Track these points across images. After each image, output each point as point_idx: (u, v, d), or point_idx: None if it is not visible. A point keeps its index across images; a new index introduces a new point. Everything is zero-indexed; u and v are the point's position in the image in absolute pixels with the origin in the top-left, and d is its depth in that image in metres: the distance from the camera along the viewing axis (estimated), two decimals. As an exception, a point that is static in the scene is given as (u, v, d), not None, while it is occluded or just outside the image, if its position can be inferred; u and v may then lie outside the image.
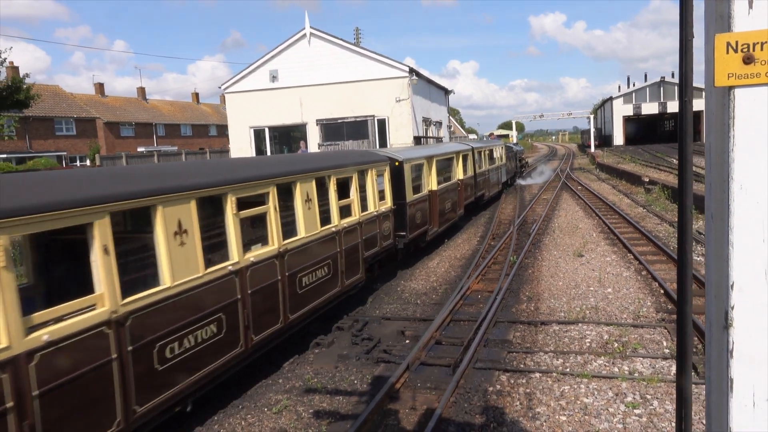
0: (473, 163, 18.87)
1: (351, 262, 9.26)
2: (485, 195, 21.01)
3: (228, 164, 7.24)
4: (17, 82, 26.05)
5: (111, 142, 54.62)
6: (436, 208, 14.15)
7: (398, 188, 11.78)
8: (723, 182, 1.29)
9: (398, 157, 11.93)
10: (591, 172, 38.61)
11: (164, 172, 6.10)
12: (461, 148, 17.97)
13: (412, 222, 12.34)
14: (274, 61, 27.12)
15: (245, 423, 6.15)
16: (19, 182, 4.67)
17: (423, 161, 13.55)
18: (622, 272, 11.29)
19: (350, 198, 9.51)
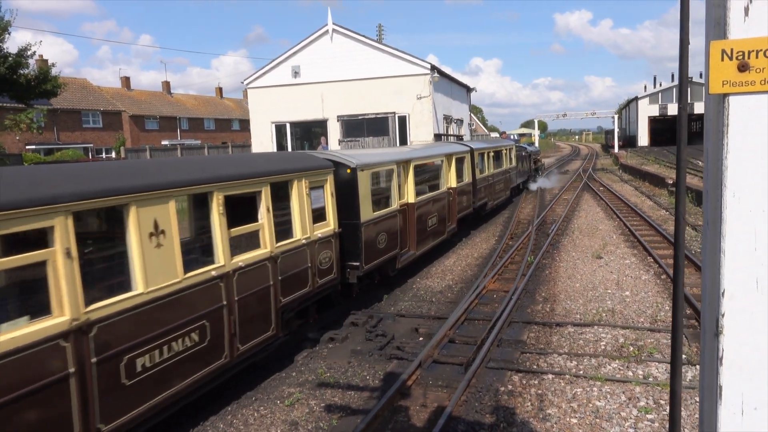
0: (471, 168, 16.02)
1: (252, 316, 6.56)
2: (488, 204, 18.11)
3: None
4: (44, 72, 26.59)
5: (136, 135, 55.44)
6: (413, 225, 11.35)
7: (349, 203, 9.04)
8: (717, 189, 1.29)
9: (350, 163, 9.14)
10: (614, 173, 38.12)
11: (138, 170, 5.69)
12: (455, 149, 14.87)
13: (372, 247, 9.51)
14: (297, 57, 27.27)
15: (258, 414, 6.23)
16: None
17: (391, 167, 10.53)
18: (641, 275, 11.16)
19: (258, 222, 6.83)
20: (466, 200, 15.45)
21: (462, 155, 15.29)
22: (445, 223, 13.38)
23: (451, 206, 14.04)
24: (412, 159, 11.67)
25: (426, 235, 12.14)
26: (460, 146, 15.88)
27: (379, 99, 26.14)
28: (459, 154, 14.99)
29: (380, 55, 26.31)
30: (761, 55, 1.23)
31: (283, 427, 5.95)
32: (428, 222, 12.25)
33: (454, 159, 14.32)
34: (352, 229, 9.10)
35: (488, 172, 18.23)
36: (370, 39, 27.26)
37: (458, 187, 14.55)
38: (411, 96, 25.79)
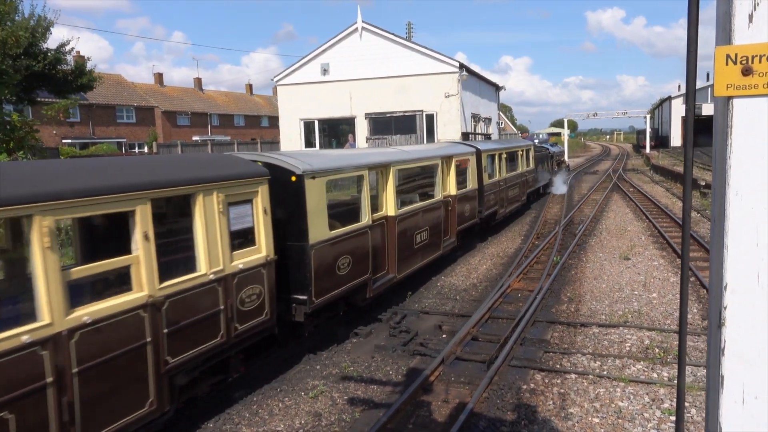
0: (477, 172, 13.97)
1: (110, 391, 4.74)
2: (498, 213, 15.89)
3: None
4: (81, 67, 27.42)
5: (168, 131, 56.50)
6: (393, 243, 9.42)
7: (294, 221, 7.15)
8: (722, 188, 1.34)
9: (294, 168, 7.17)
10: (644, 174, 37.50)
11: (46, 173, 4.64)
12: (455, 150, 12.84)
13: (327, 275, 7.54)
14: (326, 55, 27.48)
15: (282, 405, 6.38)
16: None
17: (360, 173, 8.53)
18: (669, 277, 11.02)
19: (132, 254, 5.00)
20: (469, 209, 13.36)
21: (465, 157, 13.26)
22: (440, 238, 11.30)
23: (449, 217, 12.04)
24: (393, 162, 9.49)
25: (412, 253, 10.10)
26: (463, 147, 13.77)
27: (407, 97, 26.20)
28: (461, 156, 12.95)
29: (409, 53, 26.36)
30: (764, 60, 1.28)
31: (307, 418, 6.08)
32: (416, 238, 10.20)
33: (454, 162, 12.30)
34: (297, 253, 7.15)
35: (499, 177, 16.00)
36: (399, 37, 27.33)
37: (459, 194, 12.55)
38: (439, 94, 25.78)
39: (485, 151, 14.69)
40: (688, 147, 1.46)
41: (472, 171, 13.65)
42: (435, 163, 11.42)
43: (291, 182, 7.14)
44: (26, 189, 4.21)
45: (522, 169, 19.06)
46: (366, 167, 8.72)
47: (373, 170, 9.16)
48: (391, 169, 9.43)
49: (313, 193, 7.24)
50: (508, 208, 17.19)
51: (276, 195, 6.85)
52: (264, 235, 6.50)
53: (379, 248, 9.10)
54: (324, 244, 7.43)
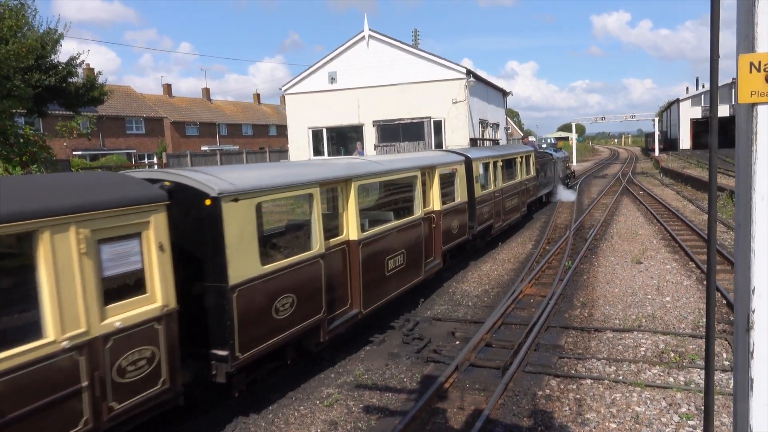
0: (468, 182, 12.58)
1: None
2: (494, 226, 14.46)
3: None
4: (91, 81, 27.75)
5: (177, 141, 56.91)
6: (356, 271, 7.95)
7: (208, 256, 5.70)
8: (748, 193, 1.36)
9: (209, 188, 5.65)
10: (654, 177, 37.34)
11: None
12: (440, 160, 11.33)
13: (261, 321, 6.08)
14: (333, 63, 27.64)
15: (298, 414, 6.39)
16: None
17: (306, 191, 7.02)
18: (683, 281, 10.96)
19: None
20: (458, 225, 11.88)
21: (451, 167, 11.83)
22: (421, 260, 9.89)
23: (433, 236, 10.75)
24: (354, 177, 7.99)
25: (383, 282, 8.66)
26: (450, 156, 12.30)
27: (414, 104, 26.28)
28: (446, 166, 11.51)
29: (416, 60, 26.46)
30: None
31: (323, 426, 6.09)
32: (388, 263, 8.76)
33: (437, 173, 10.82)
34: (214, 297, 5.67)
35: (494, 187, 14.52)
36: (405, 44, 27.46)
37: (446, 209, 11.18)
38: (446, 100, 25.84)
39: (477, 160, 13.35)
40: (713, 156, 1.48)
41: (461, 182, 12.22)
42: (412, 176, 9.86)
43: (204, 207, 5.58)
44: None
45: (521, 177, 17.62)
46: (316, 184, 7.14)
47: (327, 187, 7.81)
48: (352, 184, 7.88)
49: (235, 219, 5.72)
50: (506, 220, 15.72)
51: (186, 223, 5.63)
52: (159, 278, 4.97)
53: (337, 280, 7.59)
54: (253, 283, 5.91)
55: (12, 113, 14.60)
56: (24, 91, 14.30)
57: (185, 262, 5.59)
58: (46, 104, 25.27)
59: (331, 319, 7.40)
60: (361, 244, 8.00)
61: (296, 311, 6.60)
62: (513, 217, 16.53)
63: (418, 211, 9.85)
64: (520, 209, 17.44)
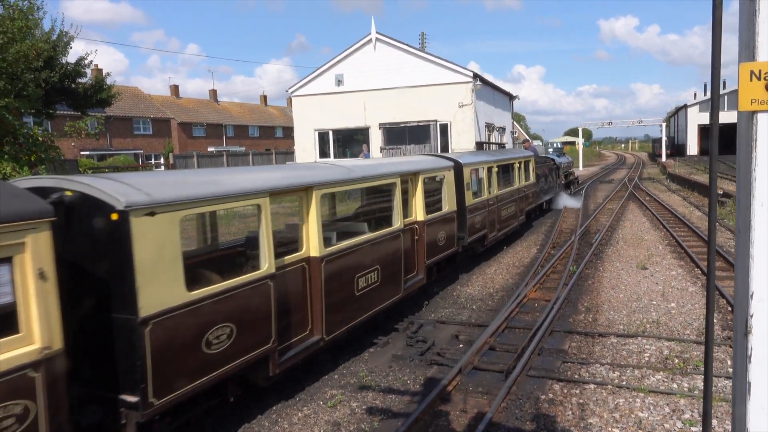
0: (458, 190, 11.63)
1: None
2: (488, 236, 13.48)
3: None
4: (100, 82, 27.94)
5: (184, 142, 57.16)
6: (319, 294, 6.93)
7: (117, 281, 4.70)
8: (747, 199, 1.38)
9: (115, 200, 4.63)
10: (661, 183, 37.24)
11: None
12: (425, 165, 10.31)
13: (187, 357, 5.09)
14: (340, 66, 27.74)
15: (302, 414, 6.42)
16: None
17: (253, 202, 5.99)
18: (688, 287, 10.94)
19: None
20: (446, 237, 10.87)
21: (438, 174, 10.78)
22: (399, 276, 8.89)
23: (415, 249, 9.80)
24: (316, 185, 6.95)
25: (352, 302, 7.66)
26: (437, 161, 11.17)
27: (420, 107, 26.33)
28: (432, 172, 10.47)
29: (422, 63, 26.52)
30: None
31: (326, 427, 6.11)
32: (358, 282, 7.78)
33: (421, 180, 9.85)
34: (121, 332, 4.66)
35: (488, 195, 13.56)
36: (412, 47, 27.51)
37: (431, 218, 10.21)
38: (453, 104, 25.87)
39: (469, 165, 12.34)
40: (713, 161, 1.50)
41: (450, 189, 11.16)
42: (390, 183, 8.88)
43: (110, 222, 4.60)
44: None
45: (519, 184, 16.57)
46: (265, 193, 6.04)
47: (281, 196, 6.90)
48: (313, 193, 6.86)
49: (150, 237, 4.72)
50: (502, 230, 14.76)
51: (91, 243, 4.78)
52: (38, 314, 3.92)
53: (293, 303, 6.65)
54: (175, 314, 4.89)
55: (21, 113, 14.73)
56: (34, 91, 14.42)
57: (91, 289, 4.78)
58: (55, 105, 25.45)
59: (284, 348, 6.41)
60: (325, 261, 6.95)
61: (236, 343, 5.51)
62: (510, 226, 15.49)
63: (397, 222, 8.84)
64: (518, 218, 16.40)
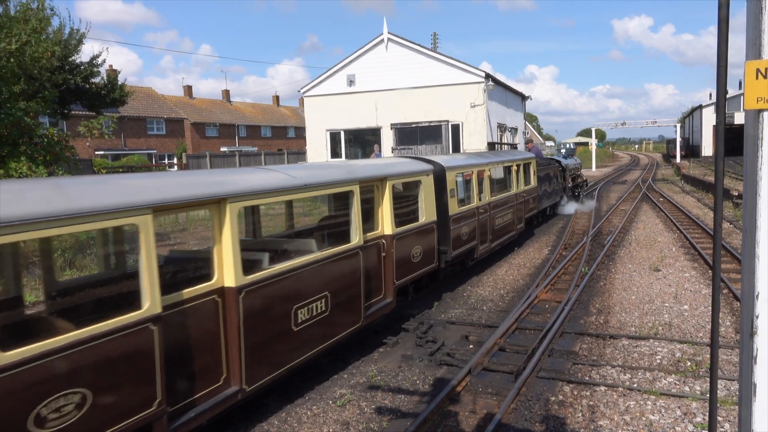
0: (438, 197, 10.13)
1: None
2: (478, 248, 11.99)
3: None
4: (113, 82, 28.22)
5: (196, 142, 57.54)
6: (236, 334, 5.50)
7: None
8: (753, 198, 1.36)
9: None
10: (675, 184, 36.90)
11: None
12: (395, 170, 8.82)
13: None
14: (352, 66, 27.78)
15: (311, 413, 6.44)
16: None
17: (129, 220, 4.47)
18: (701, 289, 10.83)
19: None
20: (422, 252, 9.41)
21: (412, 179, 9.31)
22: (357, 302, 7.51)
23: (382, 268, 8.38)
24: (231, 197, 5.40)
25: (288, 339, 6.19)
26: (412, 164, 9.64)
27: (432, 107, 26.30)
28: (403, 177, 9.02)
29: (434, 64, 26.48)
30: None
31: (335, 426, 6.13)
32: (296, 314, 6.27)
33: (388, 187, 8.35)
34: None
35: (479, 201, 12.01)
36: (424, 47, 27.49)
37: (401, 232, 8.72)
38: (465, 104, 25.81)
39: (453, 169, 10.79)
40: (718, 159, 1.49)
41: (428, 197, 9.67)
42: (346, 191, 7.44)
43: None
44: None
45: (518, 189, 15.12)
46: (145, 209, 4.53)
47: (174, 211, 5.54)
48: (227, 207, 5.32)
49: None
50: (496, 240, 13.21)
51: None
52: None
53: (199, 347, 5.22)
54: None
55: (37, 114, 14.91)
56: (50, 92, 14.59)
57: None
58: (69, 105, 25.72)
59: (179, 410, 4.99)
60: (245, 292, 5.48)
61: (92, 414, 4.08)
62: (506, 236, 14.01)
63: (355, 238, 7.40)
64: (516, 226, 14.86)
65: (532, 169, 16.97)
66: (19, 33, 11.65)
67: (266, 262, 6.08)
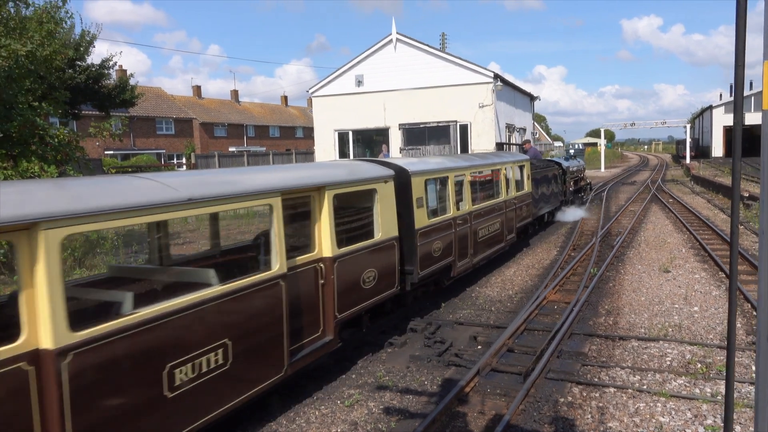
0: (402, 208, 8.61)
1: None
2: (456, 265, 10.34)
3: None
4: (123, 83, 28.41)
5: (205, 142, 57.77)
6: (54, 415, 3.76)
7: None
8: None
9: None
10: (684, 185, 36.66)
11: None
12: (336, 176, 7.12)
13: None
14: (360, 66, 27.79)
15: (319, 413, 6.45)
16: None
17: None
18: (712, 291, 10.75)
19: None
20: (377, 275, 7.78)
21: (363, 187, 7.63)
22: (276, 350, 5.94)
23: (319, 299, 6.84)
24: (47, 220, 3.82)
25: (160, 409, 4.58)
26: (365, 170, 7.85)
27: (441, 107, 26.26)
28: (350, 186, 7.36)
29: (443, 64, 26.44)
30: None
31: (344, 426, 6.13)
32: (171, 377, 4.68)
33: (328, 198, 6.82)
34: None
35: (455, 212, 10.25)
36: (432, 47, 27.45)
37: (347, 253, 7.13)
38: (473, 104, 25.76)
39: (421, 174, 9.05)
40: (736, 160, 1.47)
41: (386, 209, 8.00)
42: (261, 205, 5.90)
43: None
44: None
45: (508, 195, 13.34)
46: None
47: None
48: (40, 237, 3.79)
49: None
50: (480, 254, 11.50)
51: None
52: None
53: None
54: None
55: (48, 114, 15.02)
56: (61, 94, 14.71)
57: None
58: (79, 105, 25.92)
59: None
60: (73, 356, 3.91)
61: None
62: (492, 249, 12.31)
63: (275, 264, 5.86)
64: (506, 237, 13.18)
65: (526, 172, 15.19)
66: (33, 35, 11.75)
67: (129, 303, 4.53)
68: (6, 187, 3.99)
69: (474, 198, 11.40)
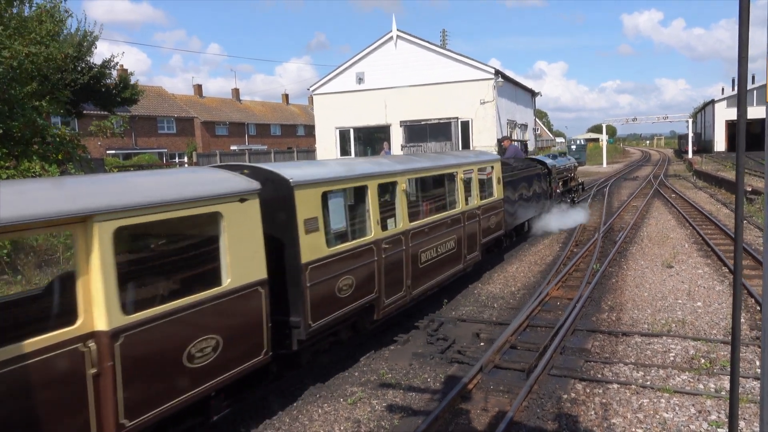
0: (274, 237, 6.11)
1: None
2: (381, 303, 7.76)
3: None
4: (124, 81, 28.42)
5: (207, 141, 57.78)
6: None
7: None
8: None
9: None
10: (687, 180, 36.56)
11: None
12: (124, 199, 4.32)
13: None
14: (361, 64, 27.76)
15: (321, 411, 6.44)
16: None
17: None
18: (715, 286, 10.72)
19: None
20: (220, 344, 5.05)
21: (197, 211, 4.92)
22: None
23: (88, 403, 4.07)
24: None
25: None
26: (195, 183, 5.14)
27: (442, 104, 26.23)
28: (162, 210, 4.59)
29: (444, 61, 26.40)
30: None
31: (346, 424, 6.13)
32: None
33: (99, 238, 4.09)
34: None
35: (380, 233, 7.67)
36: (433, 44, 27.41)
37: (143, 321, 4.39)
38: (474, 101, 25.72)
39: (313, 186, 6.49)
40: (740, 154, 1.45)
41: (244, 240, 5.39)
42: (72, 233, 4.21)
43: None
44: None
45: (468, 205, 10.70)
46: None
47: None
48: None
49: None
50: (424, 283, 8.98)
51: None
52: None
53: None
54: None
55: (49, 114, 15.03)
56: (62, 93, 14.72)
57: None
58: (81, 104, 25.94)
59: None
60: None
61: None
62: (444, 274, 9.74)
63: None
64: (465, 257, 10.55)
65: (496, 175, 12.44)
66: (34, 35, 11.75)
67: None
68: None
69: (415, 212, 9.04)
